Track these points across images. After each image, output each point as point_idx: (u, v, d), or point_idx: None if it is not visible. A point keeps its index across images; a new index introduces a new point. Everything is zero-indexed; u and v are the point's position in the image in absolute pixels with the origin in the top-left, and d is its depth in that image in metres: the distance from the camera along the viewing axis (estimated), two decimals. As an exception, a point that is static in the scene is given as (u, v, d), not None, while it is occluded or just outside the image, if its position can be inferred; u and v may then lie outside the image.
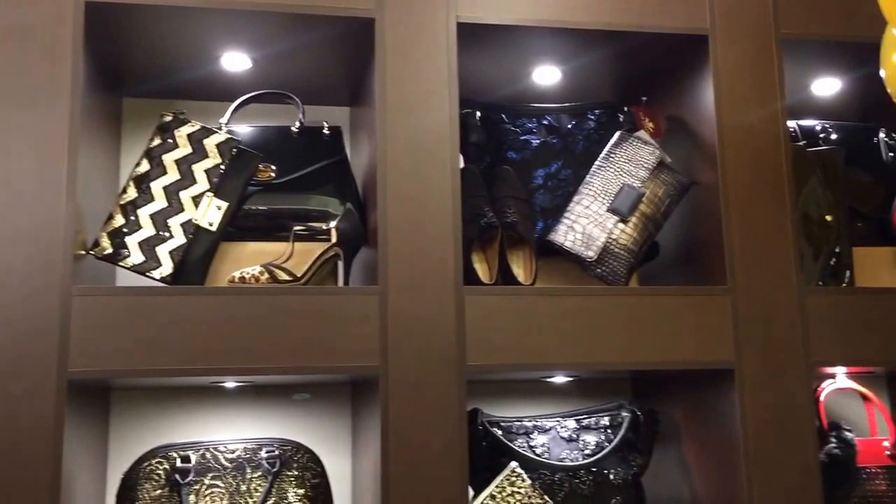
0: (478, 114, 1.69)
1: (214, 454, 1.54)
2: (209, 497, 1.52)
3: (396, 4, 1.51)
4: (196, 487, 1.52)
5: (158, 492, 1.50)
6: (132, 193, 1.49)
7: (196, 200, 1.50)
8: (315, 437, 1.70)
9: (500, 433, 1.58)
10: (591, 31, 1.60)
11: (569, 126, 1.74)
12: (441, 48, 1.52)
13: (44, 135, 1.37)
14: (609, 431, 1.62)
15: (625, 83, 1.82)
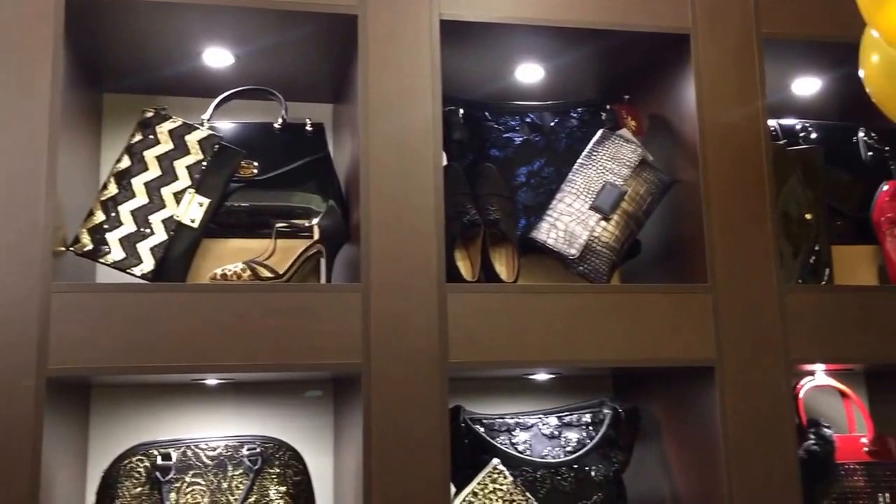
0: (461, 111, 1.69)
1: (195, 452, 1.54)
2: (190, 495, 1.51)
3: (379, 1, 1.51)
4: (177, 485, 1.51)
5: (139, 490, 1.50)
6: (113, 190, 1.48)
7: (177, 197, 1.49)
8: (297, 435, 1.70)
9: (483, 430, 1.58)
10: (574, 30, 1.60)
11: (552, 124, 1.74)
12: (424, 45, 1.52)
13: (24, 130, 1.36)
14: (591, 428, 1.63)
15: (607, 81, 1.83)
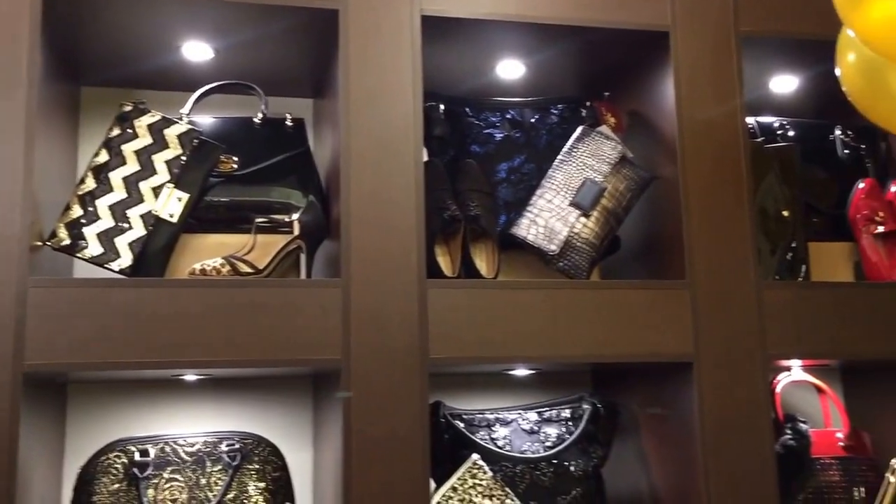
0: (441, 107, 1.69)
1: (174, 448, 1.53)
2: (168, 491, 1.50)
3: (360, -4, 1.51)
4: (155, 481, 1.50)
5: (116, 486, 1.49)
6: (90, 184, 1.47)
7: (156, 191, 1.48)
8: (276, 431, 1.69)
9: (462, 426, 1.59)
10: (555, 26, 1.61)
11: (532, 120, 1.75)
12: (405, 41, 1.52)
13: (0, 124, 1.35)
14: (570, 424, 1.64)
15: (587, 78, 1.83)
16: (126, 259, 1.44)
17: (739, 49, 1.66)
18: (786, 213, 1.74)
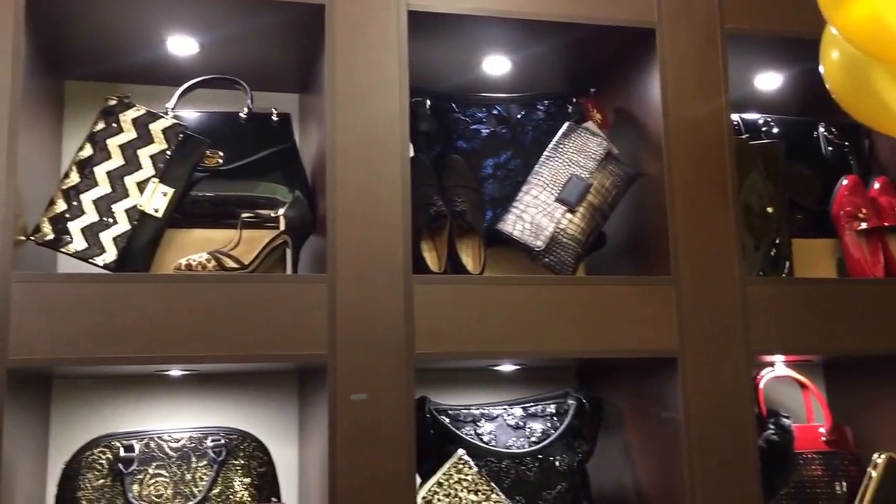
0: (428, 103, 1.69)
1: (159, 443, 1.53)
2: (153, 486, 1.50)
3: (347, -9, 1.51)
4: (140, 477, 1.50)
5: (101, 481, 1.48)
6: (75, 178, 1.46)
7: (141, 186, 1.47)
8: (261, 426, 1.69)
9: (448, 421, 1.59)
10: (541, 22, 1.61)
11: (518, 116, 1.75)
12: (392, 36, 1.51)
13: (-18, 117, 1.34)
14: (555, 419, 1.64)
15: (574, 74, 1.84)
16: (111, 254, 1.43)
17: (725, 46, 1.67)
18: (770, 210, 1.75)
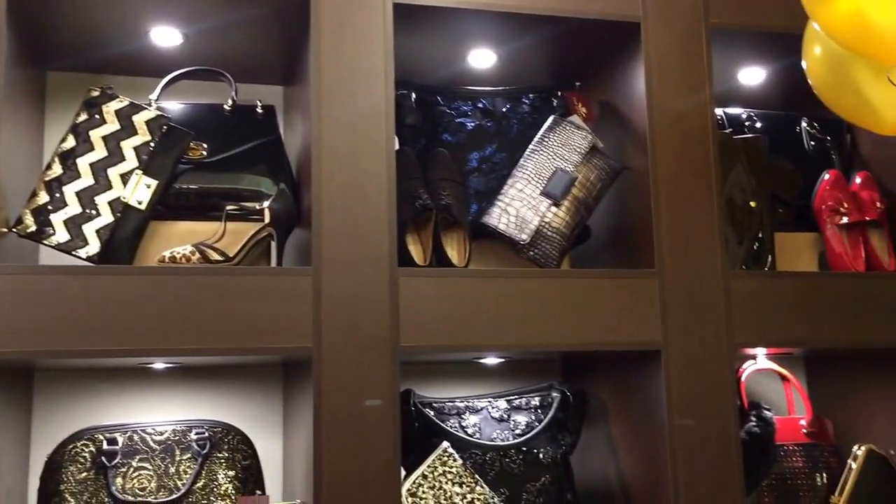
0: (413, 96, 1.69)
1: (142, 436, 1.52)
2: (137, 479, 1.50)
3: (332, -17, 1.50)
4: (123, 470, 1.50)
5: (84, 475, 1.48)
6: (57, 170, 1.45)
7: (124, 178, 1.46)
8: (246, 419, 1.69)
9: (433, 414, 1.59)
10: (527, 16, 1.61)
11: (503, 109, 1.75)
12: (377, 29, 1.51)
13: (-37, 108, 1.33)
14: (539, 412, 1.65)
15: (559, 68, 1.84)
16: (94, 246, 1.42)
17: (709, 41, 1.68)
18: (753, 204, 1.76)
